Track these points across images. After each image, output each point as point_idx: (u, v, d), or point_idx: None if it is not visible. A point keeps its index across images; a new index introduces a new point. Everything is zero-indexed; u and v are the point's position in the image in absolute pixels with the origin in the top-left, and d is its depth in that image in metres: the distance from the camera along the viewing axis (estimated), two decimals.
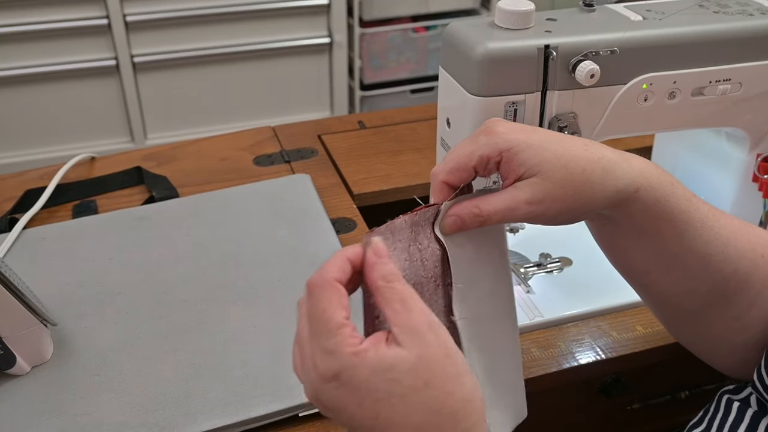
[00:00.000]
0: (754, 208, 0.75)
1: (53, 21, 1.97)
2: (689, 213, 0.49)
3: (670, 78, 0.64)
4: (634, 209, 0.48)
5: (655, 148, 0.88)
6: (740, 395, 0.53)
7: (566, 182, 0.45)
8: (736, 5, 0.67)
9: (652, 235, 0.49)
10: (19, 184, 0.90)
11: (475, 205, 0.46)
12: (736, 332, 0.52)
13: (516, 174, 0.46)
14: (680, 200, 0.49)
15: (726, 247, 0.50)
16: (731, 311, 0.52)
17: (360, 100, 2.35)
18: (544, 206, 0.46)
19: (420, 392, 0.38)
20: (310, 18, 2.19)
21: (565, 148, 0.46)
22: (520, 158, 0.45)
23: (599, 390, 0.72)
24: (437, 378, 0.38)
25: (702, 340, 0.55)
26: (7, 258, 0.77)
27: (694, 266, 0.50)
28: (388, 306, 0.39)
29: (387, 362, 0.38)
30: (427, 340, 0.38)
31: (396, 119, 1.06)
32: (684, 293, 0.52)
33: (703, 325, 0.53)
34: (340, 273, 0.40)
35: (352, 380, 0.38)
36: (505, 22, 0.60)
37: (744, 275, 0.51)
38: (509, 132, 0.46)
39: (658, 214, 0.48)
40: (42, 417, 0.59)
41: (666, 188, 0.48)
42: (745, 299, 0.51)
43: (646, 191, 0.47)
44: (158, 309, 0.70)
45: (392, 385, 0.38)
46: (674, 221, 0.49)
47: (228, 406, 0.60)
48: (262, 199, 0.86)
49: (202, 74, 2.17)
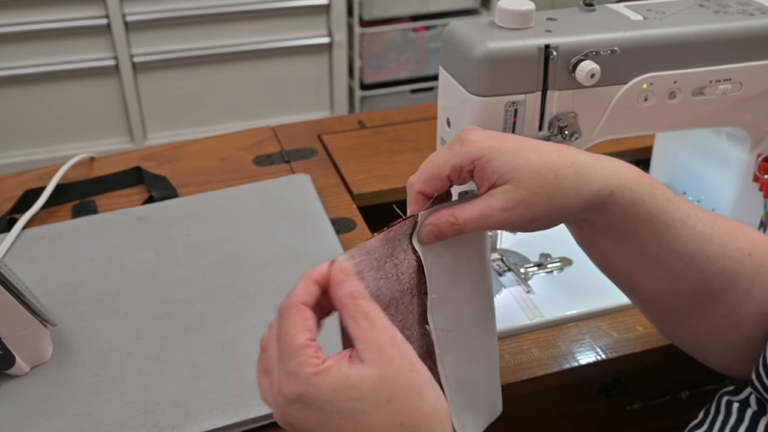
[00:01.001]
0: (755, 208, 0.75)
1: (53, 21, 1.97)
2: (669, 213, 0.49)
3: (670, 78, 0.64)
4: (610, 212, 0.48)
5: (655, 148, 0.88)
6: (740, 396, 0.53)
7: (539, 188, 0.46)
8: (736, 5, 0.67)
9: (631, 236, 0.49)
10: (18, 184, 0.90)
11: (450, 213, 0.46)
12: (727, 330, 0.52)
13: (489, 181, 0.46)
14: (659, 200, 0.49)
15: (709, 246, 0.50)
16: (719, 310, 0.52)
17: (360, 100, 2.35)
18: (518, 212, 0.46)
19: (383, 408, 0.39)
20: (310, 18, 2.19)
21: (538, 154, 0.46)
22: (493, 166, 0.46)
23: (599, 390, 0.72)
24: (400, 393, 0.39)
25: (693, 340, 0.55)
26: (6, 258, 0.76)
27: (677, 266, 0.50)
28: (353, 323, 0.40)
29: (349, 380, 0.39)
30: (389, 355, 0.39)
31: (396, 119, 1.06)
32: (669, 294, 0.52)
33: (693, 324, 0.53)
34: (306, 295, 0.41)
35: (315, 401, 0.39)
36: (505, 21, 0.60)
37: (730, 274, 0.50)
38: (482, 140, 0.47)
39: (635, 216, 0.48)
40: (42, 417, 0.59)
41: (643, 189, 0.48)
42: (732, 298, 0.51)
43: (622, 193, 0.47)
44: (158, 309, 0.70)
45: (355, 402, 0.38)
46: (653, 221, 0.49)
47: (228, 406, 0.60)
48: (262, 199, 0.85)
49: (202, 74, 2.17)
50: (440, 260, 0.49)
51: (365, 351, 0.39)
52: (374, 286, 0.45)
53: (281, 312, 0.42)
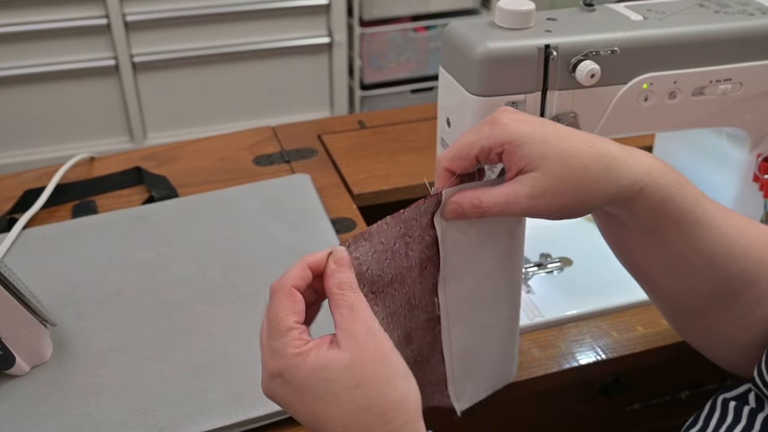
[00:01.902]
0: (755, 208, 0.75)
1: (53, 21, 1.97)
2: (696, 213, 0.49)
3: (670, 78, 0.64)
4: (638, 207, 0.48)
5: (655, 148, 0.88)
6: (735, 393, 0.53)
7: (567, 178, 0.45)
8: (736, 5, 0.67)
9: (656, 233, 0.49)
10: (18, 184, 0.90)
11: (476, 195, 0.47)
12: (741, 330, 0.52)
13: (518, 166, 0.46)
14: (687, 200, 0.49)
15: (732, 247, 0.50)
16: (736, 310, 0.52)
17: (360, 100, 2.35)
18: (545, 201, 0.46)
19: (352, 391, 0.41)
20: (310, 18, 2.19)
21: (568, 143, 0.46)
22: (522, 151, 0.46)
23: (599, 390, 0.72)
24: (369, 379, 0.41)
25: (706, 338, 0.55)
26: (6, 258, 0.77)
27: (699, 265, 0.50)
28: (337, 311, 0.43)
29: (323, 363, 0.41)
30: (363, 344, 0.42)
31: (396, 119, 1.06)
32: (688, 292, 0.52)
33: (707, 323, 0.53)
34: (298, 279, 0.44)
35: (293, 378, 0.42)
36: (505, 21, 0.60)
37: (751, 275, 0.50)
38: (513, 123, 0.46)
39: (663, 214, 0.48)
40: (42, 417, 0.59)
41: (673, 188, 0.48)
42: (750, 298, 0.51)
43: (652, 190, 0.47)
44: (158, 309, 0.70)
45: (327, 384, 0.41)
46: (680, 221, 0.49)
47: (228, 406, 0.60)
48: (262, 199, 0.85)
49: (202, 74, 2.17)
50: (464, 237, 0.49)
51: (342, 337, 0.42)
52: (376, 268, 0.46)
53: (272, 292, 0.44)
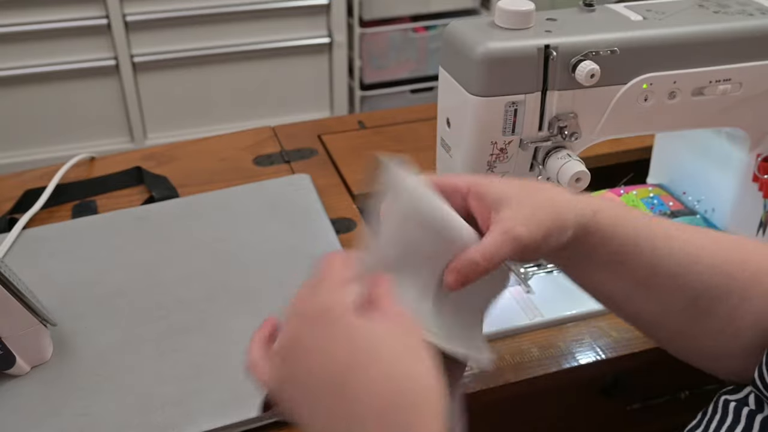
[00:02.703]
0: (754, 208, 0.75)
1: (53, 21, 1.97)
2: (650, 229, 0.50)
3: (670, 78, 0.64)
4: (597, 237, 0.49)
5: (655, 148, 0.88)
6: (738, 395, 0.53)
7: (541, 207, 0.47)
8: (736, 5, 0.67)
9: (620, 258, 0.50)
10: (18, 184, 0.90)
11: (470, 256, 0.46)
12: (728, 341, 0.52)
13: (488, 209, 0.47)
14: (638, 219, 0.50)
15: (695, 266, 0.50)
16: (714, 324, 0.52)
17: (360, 100, 2.35)
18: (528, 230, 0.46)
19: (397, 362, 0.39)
20: (310, 18, 2.19)
21: (521, 184, 0.48)
22: (490, 189, 0.47)
23: (599, 390, 0.72)
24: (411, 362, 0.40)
25: (698, 353, 0.56)
26: (7, 258, 0.77)
27: (667, 283, 0.51)
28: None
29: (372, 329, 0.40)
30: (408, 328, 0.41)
31: (396, 119, 1.06)
32: (661, 313, 0.53)
33: (692, 340, 0.54)
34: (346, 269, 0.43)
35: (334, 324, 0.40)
36: (505, 22, 0.60)
37: (719, 288, 0.51)
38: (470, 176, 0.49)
39: (620, 236, 0.49)
40: (42, 417, 0.59)
41: (621, 210, 0.50)
42: (724, 311, 0.51)
43: (604, 214, 0.49)
44: (158, 309, 0.70)
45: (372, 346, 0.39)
46: (638, 240, 0.50)
47: (228, 406, 0.60)
48: (262, 199, 0.85)
49: (202, 74, 2.17)
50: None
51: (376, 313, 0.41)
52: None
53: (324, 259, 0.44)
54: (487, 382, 0.64)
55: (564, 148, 0.65)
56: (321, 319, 0.41)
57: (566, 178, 0.62)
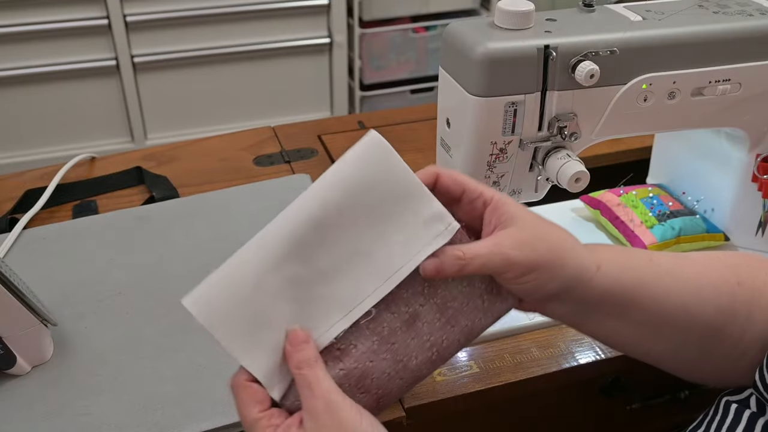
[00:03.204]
0: (754, 208, 0.75)
1: (53, 21, 1.97)
2: (654, 271, 0.51)
3: (669, 78, 0.64)
4: (603, 286, 0.50)
5: (655, 148, 0.88)
6: (739, 396, 0.53)
7: (543, 239, 0.48)
8: (735, 5, 0.67)
9: (629, 305, 0.51)
10: (19, 184, 0.90)
11: (458, 248, 0.47)
12: (738, 359, 0.53)
13: (498, 220, 0.48)
14: (641, 262, 0.51)
15: (700, 291, 0.51)
16: (726, 345, 0.53)
17: (360, 100, 2.35)
18: (523, 254, 0.47)
19: None
20: (310, 18, 2.19)
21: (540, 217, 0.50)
22: (508, 209, 0.48)
23: (599, 390, 0.72)
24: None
25: (713, 377, 0.57)
26: (7, 258, 0.77)
27: (679, 318, 0.51)
28: (300, 390, 0.45)
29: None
30: (322, 421, 0.44)
31: (396, 119, 1.06)
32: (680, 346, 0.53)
33: (708, 364, 0.55)
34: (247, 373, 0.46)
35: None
36: (505, 22, 0.60)
37: (726, 308, 0.52)
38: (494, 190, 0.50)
39: (626, 283, 0.50)
40: (42, 417, 0.59)
41: (621, 257, 0.51)
42: (735, 329, 0.52)
43: (608, 266, 0.50)
44: (158, 309, 0.70)
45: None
46: (645, 284, 0.50)
47: (228, 406, 0.60)
48: (262, 199, 0.86)
49: (202, 74, 2.17)
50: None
51: (306, 417, 0.44)
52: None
53: (232, 389, 0.47)
54: (487, 382, 0.64)
55: (564, 148, 0.65)
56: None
57: (566, 178, 0.62)
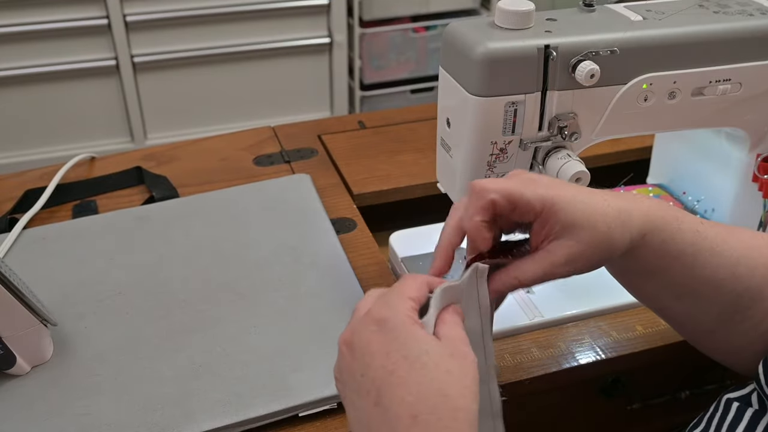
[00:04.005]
0: (754, 208, 0.75)
1: (53, 21, 1.97)
2: (696, 245, 0.50)
3: (670, 78, 0.64)
4: (642, 253, 0.50)
5: (655, 148, 0.88)
6: (741, 393, 0.53)
7: (595, 243, 0.47)
8: (736, 5, 0.67)
9: (661, 272, 0.51)
10: (19, 184, 0.90)
11: (513, 276, 0.48)
12: (756, 340, 0.53)
13: (551, 231, 0.47)
14: (686, 234, 0.50)
15: (736, 268, 0.51)
16: (746, 324, 0.52)
17: (360, 100, 2.35)
18: (577, 267, 0.48)
19: (441, 371, 0.41)
20: (310, 18, 2.19)
21: (591, 206, 0.47)
22: (558, 217, 0.47)
23: (599, 390, 0.72)
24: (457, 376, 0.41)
25: (724, 351, 0.57)
26: (7, 258, 0.77)
27: (705, 293, 0.51)
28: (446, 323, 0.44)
29: (427, 339, 0.42)
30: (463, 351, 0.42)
31: (396, 119, 1.06)
32: (698, 314, 0.53)
33: (722, 338, 0.55)
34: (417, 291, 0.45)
35: (394, 330, 0.42)
36: (505, 22, 0.60)
37: (756, 289, 0.51)
38: (548, 188, 0.48)
39: (665, 254, 0.50)
40: (42, 417, 0.59)
41: (671, 226, 0.50)
42: (758, 312, 0.52)
43: (653, 235, 0.49)
44: (158, 309, 0.70)
45: (423, 353, 0.41)
46: (682, 256, 0.50)
47: (228, 406, 0.60)
48: (262, 199, 0.86)
49: (202, 74, 2.17)
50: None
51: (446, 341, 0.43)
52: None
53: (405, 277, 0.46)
54: None
55: (564, 148, 0.65)
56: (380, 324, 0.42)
57: (566, 178, 0.62)
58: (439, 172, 0.72)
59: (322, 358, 0.64)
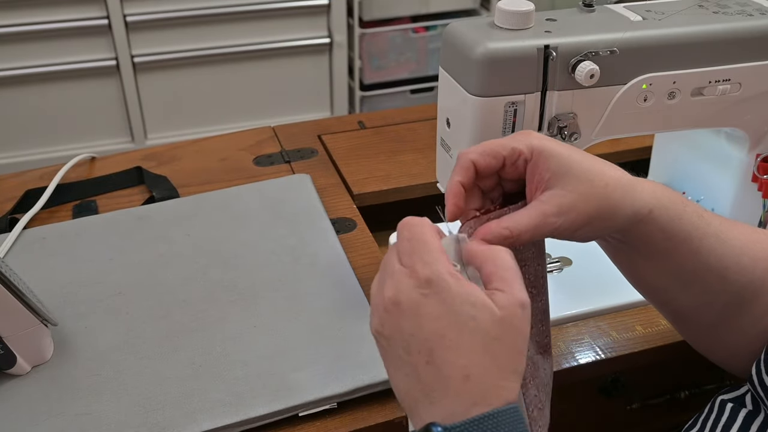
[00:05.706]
0: (754, 208, 0.75)
1: (53, 21, 1.97)
2: (702, 229, 0.50)
3: (669, 78, 0.64)
4: (649, 230, 0.49)
5: (655, 148, 0.88)
6: (735, 394, 0.53)
7: (590, 196, 0.46)
8: (735, 5, 0.67)
9: (668, 254, 0.50)
10: (19, 184, 0.90)
11: (504, 226, 0.46)
12: (754, 339, 0.53)
13: (542, 178, 0.47)
14: (692, 217, 0.50)
15: (740, 258, 0.51)
16: (746, 319, 0.52)
17: (360, 100, 2.35)
18: (569, 219, 0.46)
19: (491, 337, 0.40)
20: (310, 18, 2.19)
21: (590, 162, 0.47)
22: (549, 163, 0.46)
23: (599, 390, 0.72)
24: (508, 342, 0.41)
25: (722, 349, 0.56)
26: (7, 258, 0.77)
27: (711, 281, 0.51)
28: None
29: (475, 298, 0.41)
30: (519, 314, 0.41)
31: (396, 119, 1.06)
32: (702, 306, 0.53)
33: (722, 335, 0.54)
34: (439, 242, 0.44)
35: (442, 292, 0.41)
36: (505, 22, 0.60)
37: (759, 283, 0.51)
38: (542, 138, 0.48)
39: (672, 234, 0.49)
40: (42, 417, 0.59)
41: (678, 207, 0.49)
42: (758, 307, 0.52)
43: (660, 212, 0.48)
44: (158, 309, 0.70)
45: (472, 317, 0.40)
46: (689, 238, 0.50)
47: (228, 406, 0.60)
48: (262, 199, 0.86)
49: (202, 74, 2.17)
50: None
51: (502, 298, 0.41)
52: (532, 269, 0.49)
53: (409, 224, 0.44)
54: None
55: None
56: (426, 286, 0.41)
57: None
58: (439, 172, 0.72)
59: (322, 358, 0.64)
